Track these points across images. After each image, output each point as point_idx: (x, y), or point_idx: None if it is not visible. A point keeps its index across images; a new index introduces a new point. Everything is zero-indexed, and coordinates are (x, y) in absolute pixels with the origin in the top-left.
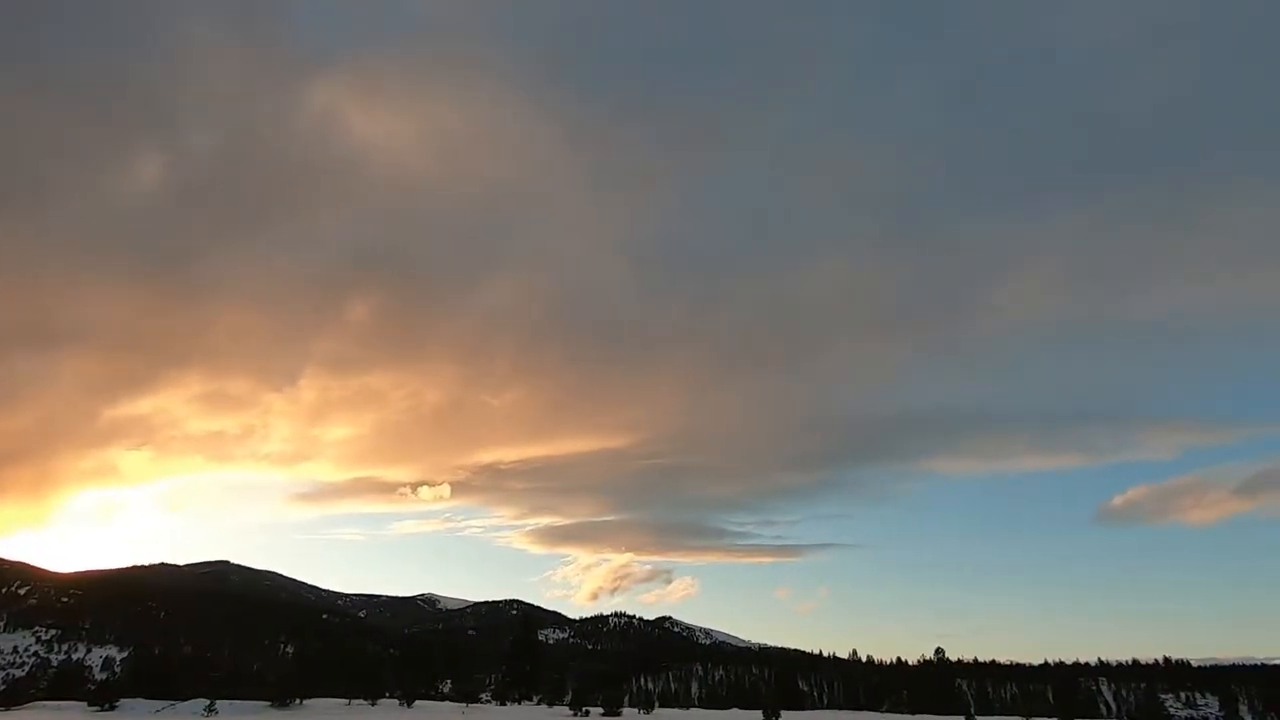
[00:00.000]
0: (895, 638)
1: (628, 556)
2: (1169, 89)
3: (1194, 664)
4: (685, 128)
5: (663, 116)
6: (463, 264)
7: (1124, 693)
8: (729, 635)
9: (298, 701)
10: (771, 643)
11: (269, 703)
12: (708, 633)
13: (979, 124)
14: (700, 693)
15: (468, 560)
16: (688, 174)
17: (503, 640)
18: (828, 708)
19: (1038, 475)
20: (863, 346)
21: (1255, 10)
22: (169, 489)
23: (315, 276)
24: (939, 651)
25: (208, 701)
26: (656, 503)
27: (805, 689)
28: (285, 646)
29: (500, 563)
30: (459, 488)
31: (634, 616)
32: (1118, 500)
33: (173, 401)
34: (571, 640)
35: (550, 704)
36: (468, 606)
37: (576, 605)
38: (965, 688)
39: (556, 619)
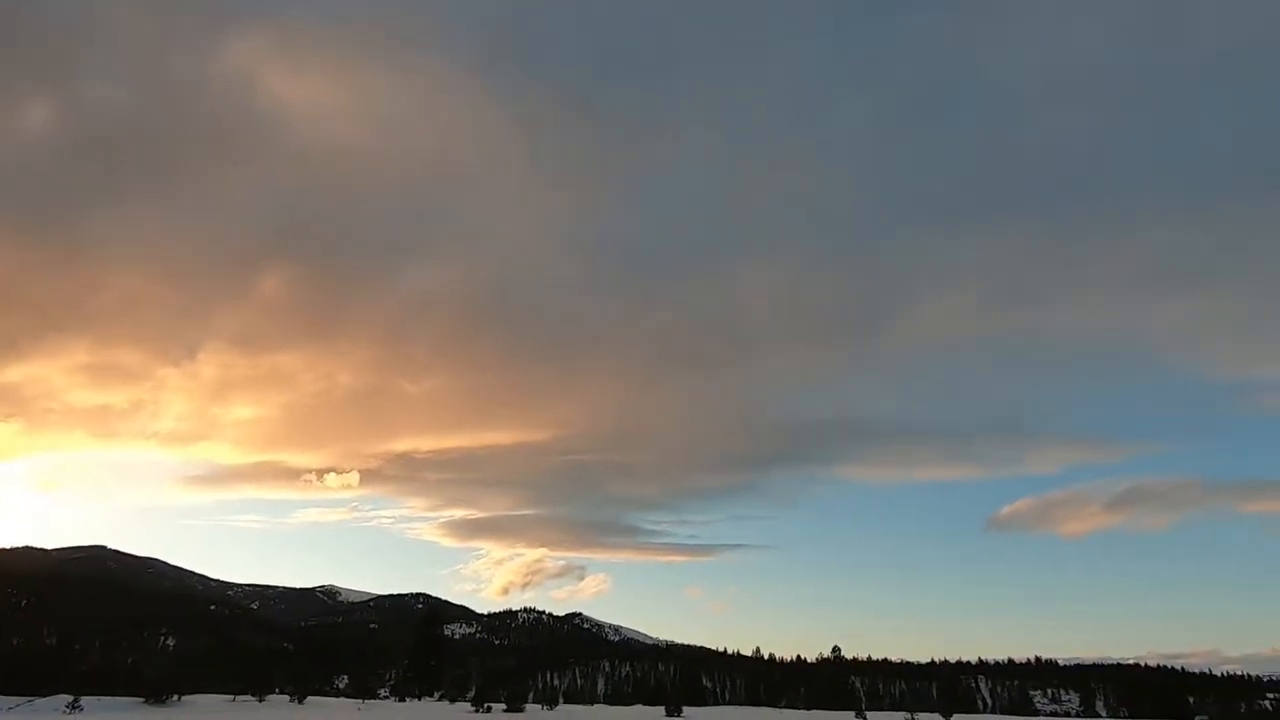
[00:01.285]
0: (798, 636)
1: (542, 552)
2: (1080, 129)
3: (1060, 663)
4: (634, 126)
5: (611, 113)
6: (389, 244)
7: (999, 689)
8: (638, 632)
9: (175, 698)
10: (680, 640)
11: (143, 699)
12: (617, 629)
13: (913, 150)
14: (606, 689)
15: (374, 551)
16: (632, 172)
17: (406, 635)
18: (729, 704)
19: (938, 485)
20: (789, 354)
21: (1159, 60)
22: (41, 465)
23: (224, 245)
24: (836, 650)
25: (71, 698)
26: (575, 499)
27: (709, 685)
28: (166, 639)
29: (409, 555)
30: (369, 476)
31: (544, 612)
32: (1005, 511)
33: (51, 370)
34: (479, 635)
35: (453, 700)
36: (371, 599)
37: (486, 600)
38: (858, 685)
39: (464, 613)
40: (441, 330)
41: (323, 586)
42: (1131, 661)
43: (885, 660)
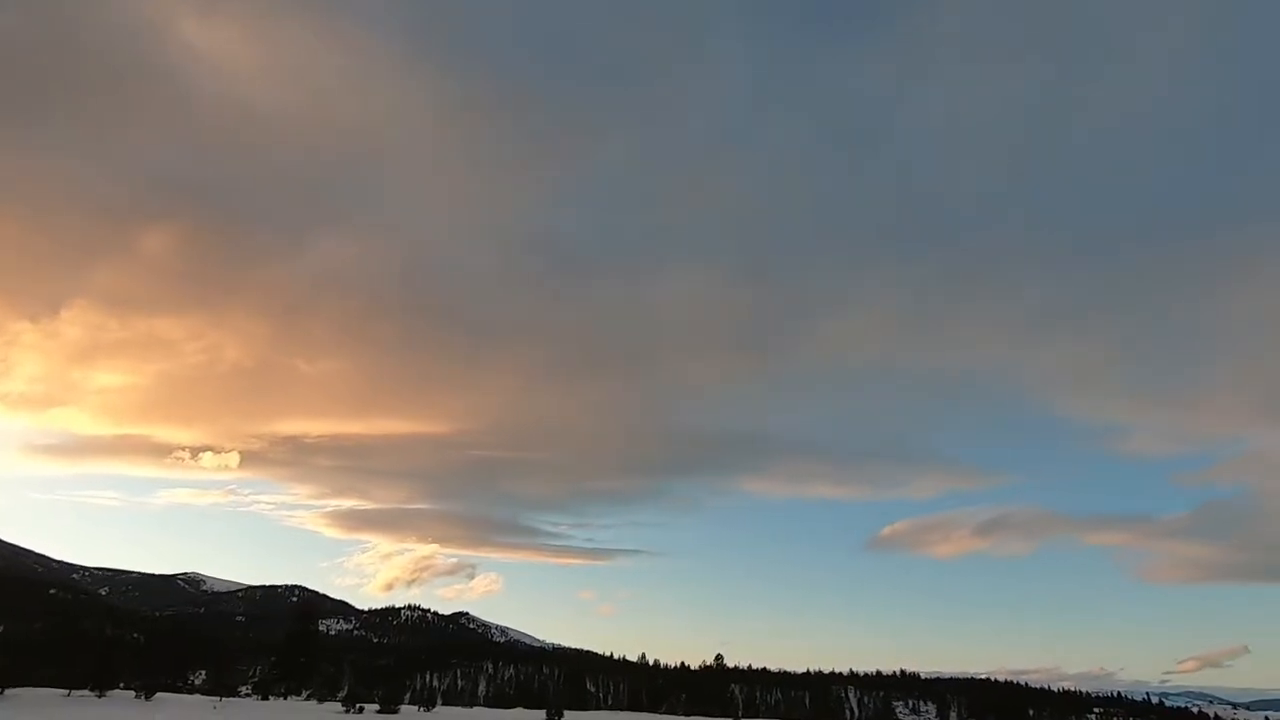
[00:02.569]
0: (686, 643)
1: (433, 548)
2: (981, 181)
3: (922, 676)
4: (566, 125)
5: (544, 109)
6: (295, 213)
7: (866, 699)
8: (526, 634)
9: None
10: (569, 644)
11: None
12: (504, 631)
13: (830, 181)
14: (488, 691)
15: (249, 539)
16: (560, 171)
17: (277, 629)
18: (611, 708)
19: (828, 502)
20: (700, 364)
21: (1054, 128)
22: None
23: (106, 193)
24: (719, 658)
25: None
26: (472, 495)
27: (593, 690)
28: None
29: (287, 544)
30: (251, 458)
31: (429, 610)
32: (886, 531)
33: None
34: (356, 632)
35: (321, 699)
36: (240, 590)
37: (368, 596)
38: (737, 692)
39: (343, 609)
40: (346, 310)
41: (185, 574)
42: (984, 676)
43: (765, 669)
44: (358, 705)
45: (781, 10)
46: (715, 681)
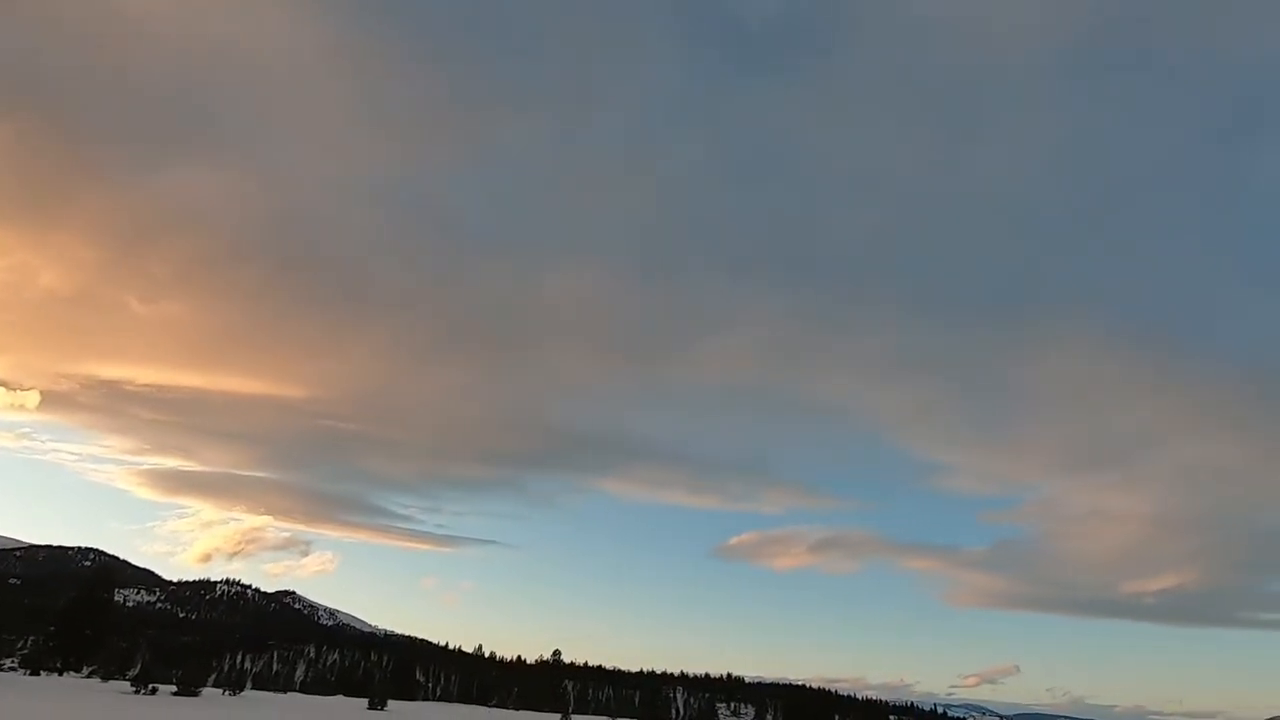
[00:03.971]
0: (528, 638)
1: (265, 519)
2: (861, 224)
3: (746, 680)
4: (480, 98)
5: (460, 78)
6: (152, 131)
7: (692, 700)
8: (357, 618)
9: None
10: (405, 631)
11: None
12: (333, 613)
13: (731, 202)
14: (307, 676)
15: (42, 492)
16: (463, 140)
17: (63, 596)
18: (440, 699)
19: (682, 509)
20: (578, 360)
21: (929, 183)
22: None
23: None
24: (556, 654)
25: None
26: (319, 467)
27: (423, 680)
28: None
29: (90, 502)
30: (56, 400)
31: (249, 586)
32: (733, 541)
33: None
34: (160, 605)
35: (107, 677)
36: (19, 549)
37: (180, 566)
38: (570, 688)
39: (147, 578)
40: (197, 249)
41: None
42: (800, 682)
43: (600, 667)
44: (150, 686)
45: (711, 34)
46: (550, 677)
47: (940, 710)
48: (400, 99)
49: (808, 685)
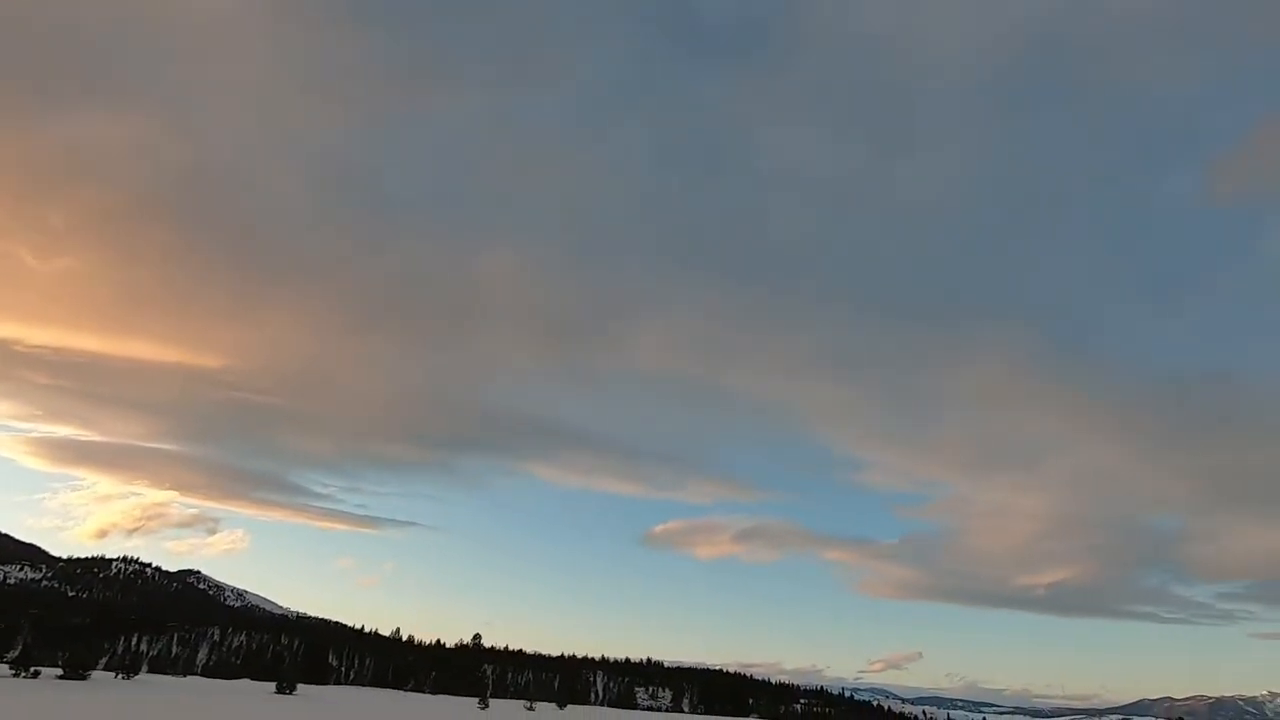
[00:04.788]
0: (451, 621)
1: (170, 495)
2: (795, 225)
3: (665, 664)
4: (421, 68)
5: (400, 44)
6: (58, 74)
7: (611, 684)
8: (267, 600)
9: None
10: (318, 614)
11: None
12: (241, 594)
13: (673, 193)
14: (210, 659)
15: None
16: (399, 108)
17: None
18: (353, 683)
19: (610, 496)
20: (510, 344)
21: (867, 188)
22: None
23: None
24: (477, 637)
25: None
26: (231, 442)
27: (336, 664)
28: None
29: None
30: None
31: (149, 565)
32: (659, 528)
33: None
34: (47, 583)
35: None
36: None
37: (71, 542)
38: (490, 672)
39: (32, 553)
40: (103, 203)
41: None
42: (717, 666)
43: (520, 651)
44: (32, 669)
45: (666, 21)
46: (469, 660)
47: (848, 694)
48: (331, 59)
49: (724, 669)
